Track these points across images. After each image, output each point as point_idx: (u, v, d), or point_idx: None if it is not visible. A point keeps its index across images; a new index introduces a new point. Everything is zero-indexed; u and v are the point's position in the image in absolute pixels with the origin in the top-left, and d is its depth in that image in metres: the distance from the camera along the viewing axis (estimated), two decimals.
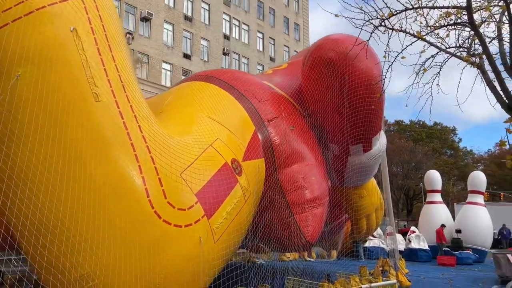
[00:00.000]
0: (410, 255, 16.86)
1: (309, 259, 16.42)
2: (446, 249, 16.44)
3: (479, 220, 16.79)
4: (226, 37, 37.50)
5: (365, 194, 11.15)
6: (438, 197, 18.75)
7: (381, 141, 10.34)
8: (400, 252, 17.50)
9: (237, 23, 39.18)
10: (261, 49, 41.53)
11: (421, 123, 58.97)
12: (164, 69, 31.86)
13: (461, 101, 5.70)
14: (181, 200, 5.67)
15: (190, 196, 5.82)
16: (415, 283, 10.90)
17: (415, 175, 46.78)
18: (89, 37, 5.32)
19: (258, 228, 8.65)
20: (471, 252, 16.17)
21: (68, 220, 4.75)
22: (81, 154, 4.94)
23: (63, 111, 4.91)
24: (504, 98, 5.12)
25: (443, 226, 16.74)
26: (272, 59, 42.02)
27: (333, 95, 9.17)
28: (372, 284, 4.86)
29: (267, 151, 8.52)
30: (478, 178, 17.90)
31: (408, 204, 51.62)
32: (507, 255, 9.32)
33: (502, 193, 39.37)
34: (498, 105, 5.15)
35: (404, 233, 20.25)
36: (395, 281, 5.42)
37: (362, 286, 4.76)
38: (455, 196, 47.19)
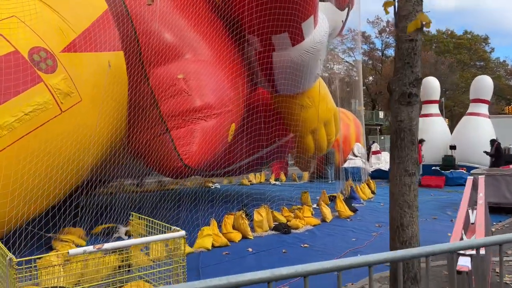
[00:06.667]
0: None
1: (274, 182, 14.54)
2: (435, 168, 14.03)
3: (479, 133, 13.99)
4: None
5: (308, 104, 8.67)
6: (434, 108, 15.86)
7: (318, 30, 7.57)
8: (384, 172, 15.31)
9: None
10: None
11: (449, 32, 53.03)
12: None
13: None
14: None
15: None
16: (366, 211, 8.82)
17: None
18: None
19: (130, 148, 6.56)
20: (465, 171, 13.69)
21: None
22: None
23: None
24: None
25: (421, 141, 14.03)
26: None
27: None
28: (106, 245, 2.75)
29: (128, 40, 6.06)
30: (483, 83, 14.69)
31: None
32: (479, 176, 6.88)
33: None
34: None
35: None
36: (177, 234, 3.29)
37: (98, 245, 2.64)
38: None
